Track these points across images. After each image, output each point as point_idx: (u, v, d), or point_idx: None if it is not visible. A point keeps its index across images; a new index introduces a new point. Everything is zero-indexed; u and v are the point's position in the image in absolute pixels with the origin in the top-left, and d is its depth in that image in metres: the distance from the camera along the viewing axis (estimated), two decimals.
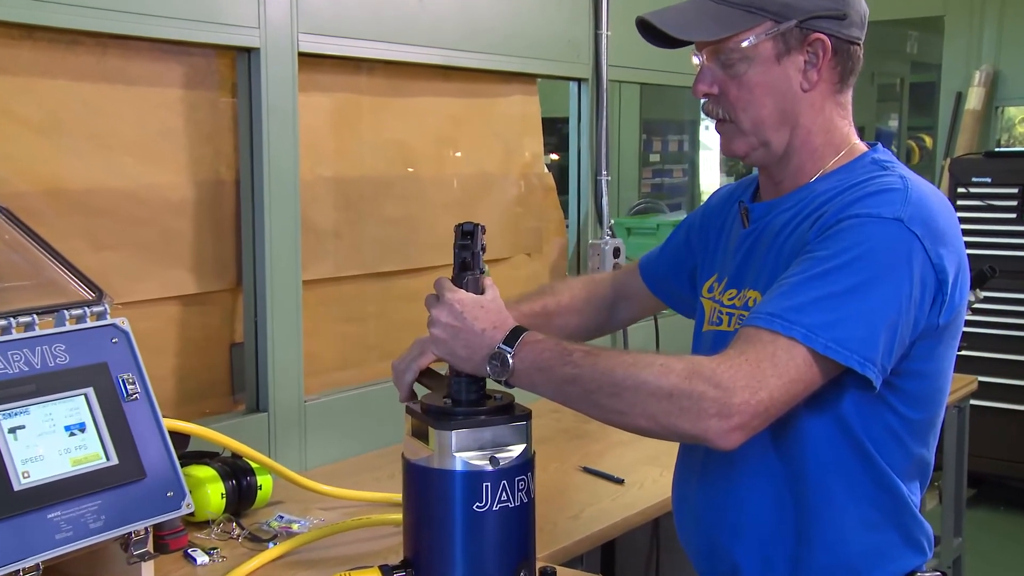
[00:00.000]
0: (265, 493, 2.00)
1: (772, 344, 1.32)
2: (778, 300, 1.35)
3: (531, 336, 1.45)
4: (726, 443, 1.30)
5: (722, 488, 1.54)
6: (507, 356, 1.43)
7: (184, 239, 2.23)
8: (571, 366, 1.38)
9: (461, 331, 1.48)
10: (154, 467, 1.60)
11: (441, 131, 2.84)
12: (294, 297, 2.33)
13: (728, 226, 1.68)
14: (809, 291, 1.34)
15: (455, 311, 1.49)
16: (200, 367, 2.31)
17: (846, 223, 1.38)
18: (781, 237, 1.50)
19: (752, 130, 1.52)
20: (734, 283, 1.58)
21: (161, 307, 2.22)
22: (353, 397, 2.52)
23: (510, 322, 1.48)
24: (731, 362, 1.31)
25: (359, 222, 2.61)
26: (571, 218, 3.25)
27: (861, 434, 1.44)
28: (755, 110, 1.50)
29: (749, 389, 1.29)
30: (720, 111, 1.53)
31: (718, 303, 1.61)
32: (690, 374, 1.30)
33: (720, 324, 1.59)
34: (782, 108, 1.50)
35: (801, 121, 1.51)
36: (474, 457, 1.49)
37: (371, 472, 2.32)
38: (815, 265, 1.36)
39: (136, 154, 2.14)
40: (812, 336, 1.32)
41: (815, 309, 1.33)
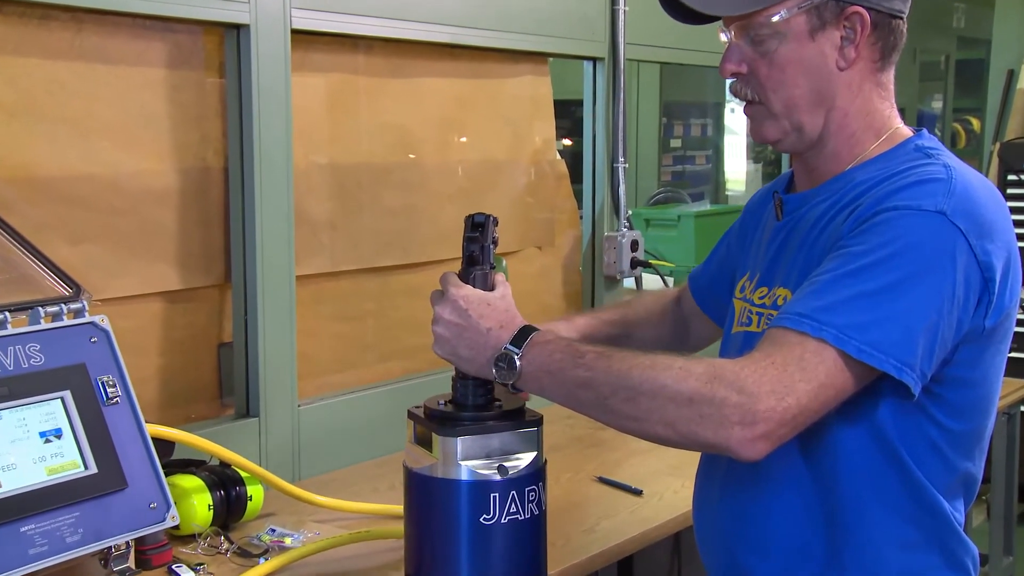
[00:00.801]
0: (256, 504, 2.00)
1: (800, 346, 1.31)
2: (808, 299, 1.35)
3: (540, 336, 1.45)
4: (750, 453, 1.30)
5: (745, 501, 1.54)
6: (514, 358, 1.43)
7: (168, 231, 2.23)
8: (583, 368, 1.38)
9: (465, 330, 1.48)
10: (136, 476, 1.60)
11: (445, 114, 2.84)
12: (287, 294, 2.33)
13: (764, 221, 1.68)
14: (841, 289, 1.33)
15: (459, 308, 1.49)
16: (186, 369, 2.31)
17: (883, 216, 1.37)
18: (815, 231, 1.50)
19: (784, 113, 1.51)
20: (765, 281, 1.58)
21: (143, 304, 2.22)
22: (350, 401, 2.52)
23: (518, 321, 1.48)
24: (756, 365, 1.30)
25: (357, 213, 2.61)
26: (585, 209, 3.24)
27: (899, 446, 1.43)
28: (787, 91, 1.50)
29: (775, 395, 1.28)
30: (749, 92, 1.53)
31: (748, 302, 1.61)
32: (711, 378, 1.30)
33: (749, 325, 1.58)
34: (816, 88, 1.50)
35: (837, 103, 1.51)
36: (481, 466, 1.49)
37: (370, 482, 2.32)
38: (848, 261, 1.35)
39: (115, 139, 2.14)
40: (844, 338, 1.31)
41: (847, 309, 1.32)
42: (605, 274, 3.21)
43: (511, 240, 3.04)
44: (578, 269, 3.28)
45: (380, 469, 2.40)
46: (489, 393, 1.55)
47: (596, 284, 3.23)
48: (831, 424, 1.42)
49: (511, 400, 1.56)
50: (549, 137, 3.18)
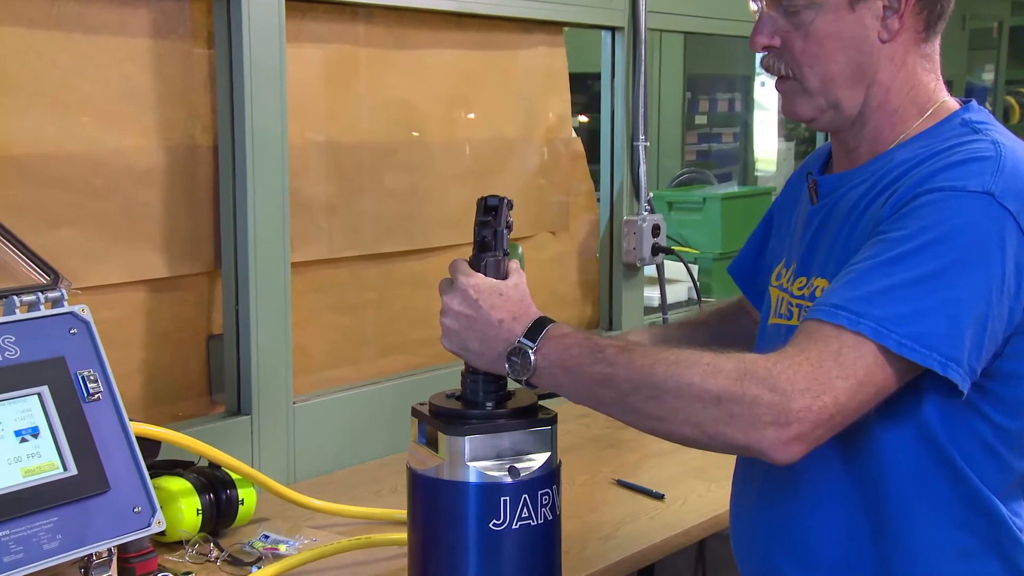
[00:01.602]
0: (248, 509, 2.00)
1: (837, 340, 1.31)
2: (844, 289, 1.34)
3: (557, 329, 1.45)
4: (784, 456, 1.30)
5: (784, 507, 1.53)
6: (528, 352, 1.43)
7: (153, 214, 2.24)
8: (603, 364, 1.38)
9: (475, 322, 1.48)
10: (119, 478, 1.60)
11: (452, 89, 2.83)
12: (281, 282, 2.33)
13: (799, 204, 1.68)
14: (881, 278, 1.33)
15: (469, 298, 1.48)
16: (172, 363, 2.31)
17: (926, 198, 1.37)
18: (852, 216, 1.49)
19: (820, 89, 1.51)
20: (802, 270, 1.57)
21: (127, 293, 2.22)
22: (350, 398, 2.52)
23: (533, 312, 1.48)
24: (789, 361, 1.30)
25: (356, 195, 2.61)
26: (603, 190, 3.24)
27: (948, 448, 1.42)
28: (824, 66, 1.49)
29: (810, 393, 1.28)
30: (782, 66, 1.52)
31: (787, 292, 1.60)
32: (742, 375, 1.30)
33: (790, 318, 1.58)
34: (856, 63, 1.49)
35: (879, 78, 1.50)
36: (491, 467, 1.49)
37: (371, 485, 2.32)
38: (888, 248, 1.35)
39: (96, 115, 2.14)
40: (883, 331, 1.30)
41: (887, 300, 1.31)
42: (624, 261, 3.21)
43: (523, 225, 3.03)
44: (595, 256, 3.28)
45: (382, 471, 2.40)
46: (501, 389, 1.55)
47: (614, 272, 3.22)
48: (873, 426, 1.41)
49: (527, 396, 1.56)
50: (564, 113, 3.18)
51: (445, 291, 1.52)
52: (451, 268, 1.53)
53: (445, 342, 1.51)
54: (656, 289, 3.34)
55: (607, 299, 3.25)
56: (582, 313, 3.27)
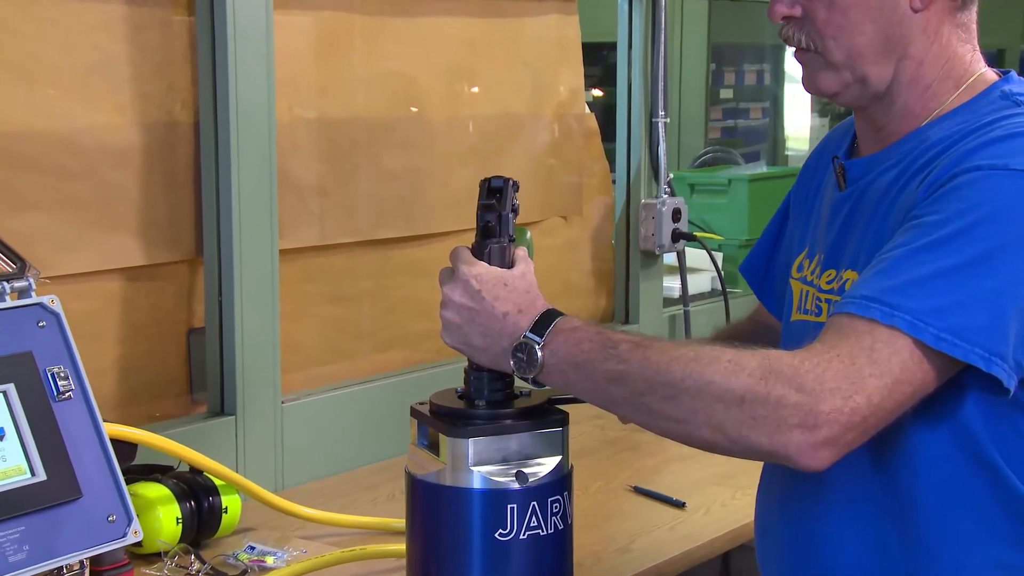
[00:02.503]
0: (232, 517, 2.01)
1: (869, 335, 1.31)
2: (876, 279, 1.34)
3: (566, 322, 1.45)
4: (812, 461, 1.29)
5: (809, 518, 1.53)
6: (534, 348, 1.43)
7: (129, 197, 2.24)
8: (615, 360, 1.38)
9: (478, 315, 1.48)
10: (92, 484, 1.60)
11: (454, 61, 2.83)
12: (268, 271, 2.34)
13: (823, 189, 1.67)
14: (916, 267, 1.33)
15: (471, 289, 1.49)
16: (150, 358, 2.32)
17: (963, 178, 1.36)
18: (885, 202, 1.49)
19: (845, 63, 1.50)
20: (831, 262, 1.57)
21: (100, 282, 2.22)
22: (344, 397, 2.53)
23: (540, 304, 1.48)
24: (818, 358, 1.30)
25: (351, 177, 2.61)
26: (619, 171, 3.23)
27: (991, 451, 1.41)
28: (850, 38, 1.49)
29: (841, 393, 1.28)
30: (803, 38, 1.52)
31: (812, 286, 1.60)
32: (766, 373, 1.30)
33: (818, 314, 1.57)
34: (885, 34, 1.48)
35: (910, 51, 1.49)
36: (497, 472, 1.50)
37: (366, 492, 2.32)
38: (923, 233, 1.35)
39: (66, 88, 2.14)
40: (920, 324, 1.30)
41: (923, 290, 1.31)
42: (642, 248, 3.21)
43: (532, 208, 3.03)
44: (610, 243, 3.28)
45: (378, 476, 2.41)
46: (508, 387, 1.55)
47: (631, 260, 3.22)
48: (907, 428, 1.41)
49: (536, 395, 1.56)
50: (577, 87, 3.17)
51: (445, 282, 1.51)
52: (452, 256, 1.53)
53: (445, 336, 1.51)
54: (677, 279, 3.34)
55: (623, 290, 3.25)
56: (595, 305, 3.27)
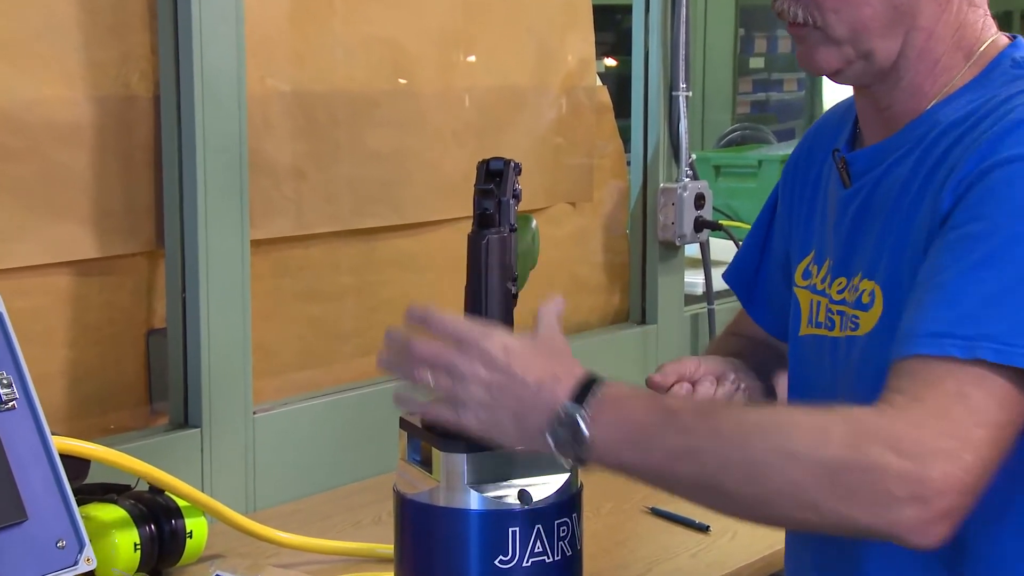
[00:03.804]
0: (197, 543, 2.01)
1: (953, 378, 1.29)
2: (937, 309, 1.33)
3: (612, 389, 1.40)
4: (926, 539, 1.27)
5: (841, 547, 1.54)
6: (578, 421, 1.38)
7: (80, 181, 2.24)
8: (680, 433, 1.35)
9: (507, 389, 1.41)
10: (39, 506, 1.60)
11: (448, 26, 2.83)
12: (238, 264, 2.34)
13: (823, 181, 1.68)
14: (979, 286, 1.32)
15: (496, 362, 1.42)
16: (104, 363, 2.32)
17: (996, 174, 1.36)
18: (903, 202, 1.49)
19: (849, 37, 1.51)
20: (842, 269, 1.58)
21: (47, 277, 2.22)
22: (323, 407, 2.53)
23: (578, 369, 1.43)
24: (909, 415, 1.28)
25: (331, 158, 2.62)
26: (634, 152, 3.23)
27: None
28: (853, 10, 1.49)
29: (947, 454, 1.26)
30: (800, 12, 1.52)
31: (823, 295, 1.61)
32: (858, 437, 1.27)
33: (832, 328, 1.58)
34: (893, 5, 1.49)
35: (920, 20, 1.50)
36: (497, 491, 1.50)
37: (348, 513, 2.33)
38: (973, 246, 1.34)
39: (8, 57, 2.14)
40: (1007, 349, 1.29)
41: (997, 310, 1.31)
42: (660, 239, 3.20)
43: (536, 194, 3.03)
44: (624, 233, 3.28)
45: (362, 496, 2.41)
46: None
47: (648, 252, 3.22)
48: None
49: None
50: (587, 56, 3.17)
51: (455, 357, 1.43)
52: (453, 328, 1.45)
53: (471, 421, 1.42)
54: (700, 273, 3.34)
55: (639, 286, 3.25)
56: (607, 303, 3.26)
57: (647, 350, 3.21)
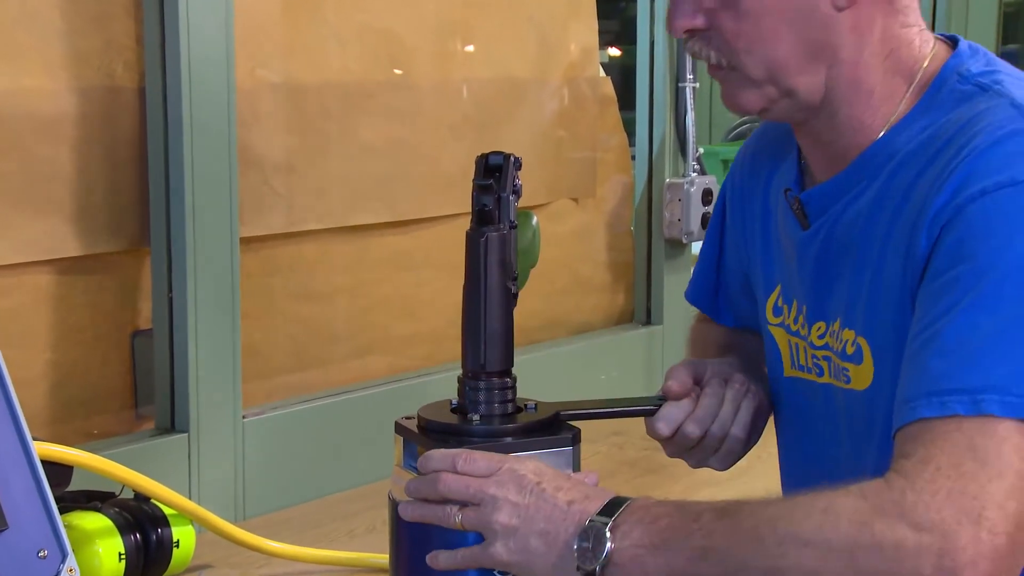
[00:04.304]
0: (184, 552, 2.01)
1: (960, 433, 1.28)
2: (934, 364, 1.32)
3: (639, 502, 1.43)
4: None
5: None
6: (603, 531, 1.40)
7: (61, 176, 2.23)
8: (700, 535, 1.36)
9: (539, 510, 1.44)
10: (19, 514, 1.60)
11: (446, 14, 2.84)
12: (227, 263, 2.34)
13: (773, 215, 1.67)
14: (974, 333, 1.31)
15: (527, 484, 1.45)
16: (88, 366, 2.31)
17: (971, 208, 1.35)
18: (871, 242, 1.48)
19: (767, 77, 1.50)
20: (817, 313, 1.58)
21: (27, 276, 2.22)
22: (315, 411, 2.53)
23: (611, 492, 1.47)
24: (919, 481, 1.27)
25: (323, 152, 2.62)
26: (639, 145, 3.23)
27: None
28: (767, 49, 1.48)
29: (967, 516, 1.24)
30: (713, 54, 1.51)
31: (801, 339, 1.61)
32: (867, 513, 1.27)
33: (821, 374, 1.59)
34: (808, 40, 1.48)
35: (841, 55, 1.49)
36: None
37: (342, 522, 2.32)
38: (962, 291, 1.33)
39: None
40: (1016, 401, 1.27)
41: (998, 357, 1.30)
42: (666, 236, 3.21)
43: (537, 189, 3.03)
44: (629, 229, 3.29)
45: (356, 504, 2.41)
46: (508, 399, 1.56)
47: (653, 250, 3.22)
48: None
49: (543, 409, 1.56)
50: (590, 45, 3.18)
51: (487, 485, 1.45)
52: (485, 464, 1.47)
53: (500, 551, 1.44)
54: None
55: (644, 284, 3.25)
56: (612, 303, 3.26)
57: (652, 351, 3.20)
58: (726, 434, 1.67)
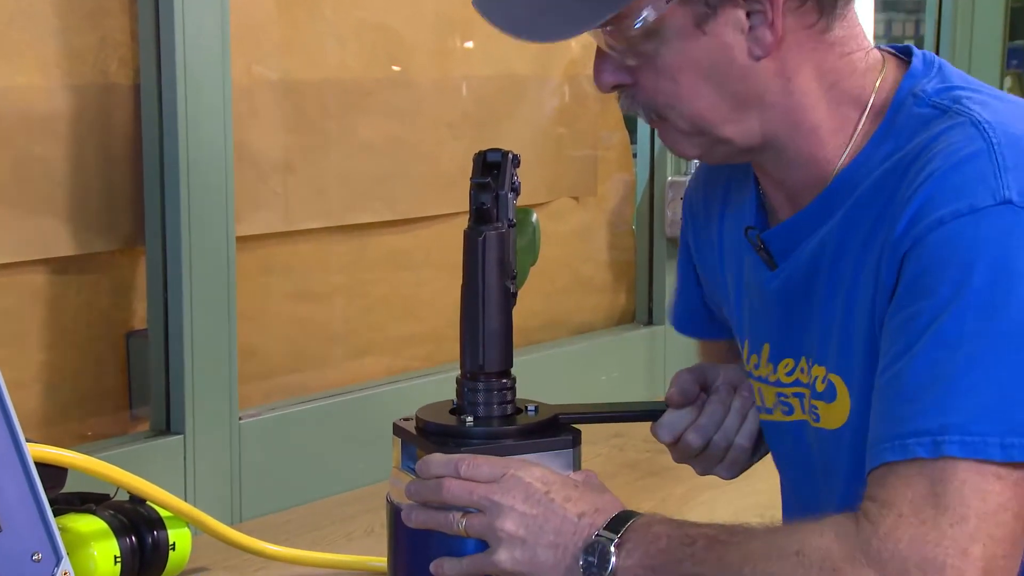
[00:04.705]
0: (180, 555, 2.00)
1: (921, 476, 1.28)
2: (895, 407, 1.32)
3: (643, 519, 1.44)
4: None
5: None
6: (608, 547, 1.41)
7: (54, 174, 2.23)
8: (691, 562, 1.38)
9: (547, 521, 1.45)
10: (12, 516, 1.60)
11: (445, 11, 2.84)
12: (223, 262, 2.34)
13: (734, 257, 1.66)
14: (933, 370, 1.30)
15: (535, 493, 1.46)
16: (82, 367, 2.31)
17: (929, 238, 1.33)
18: (840, 278, 1.47)
19: (695, 130, 1.49)
20: (784, 350, 1.57)
21: (20, 276, 2.22)
22: (312, 412, 2.53)
23: (619, 504, 1.48)
24: (881, 527, 1.28)
25: (320, 150, 2.62)
26: (641, 144, 3.24)
27: None
28: (687, 105, 1.47)
29: (929, 563, 1.25)
30: (641, 109, 1.51)
31: (767, 383, 1.61)
32: (840, 559, 1.28)
33: (790, 412, 1.59)
34: (730, 92, 1.46)
35: (768, 99, 1.46)
36: None
37: (340, 524, 2.32)
38: (922, 327, 1.32)
39: None
40: (974, 441, 1.27)
41: (957, 396, 1.28)
42: (668, 235, 3.20)
43: (536, 187, 3.03)
44: (630, 228, 3.29)
45: (354, 507, 2.41)
46: (507, 400, 1.56)
47: (655, 249, 3.22)
48: None
49: (543, 410, 1.57)
50: (591, 42, 3.16)
51: (493, 492, 1.46)
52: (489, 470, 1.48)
53: (505, 559, 1.45)
54: None
55: (646, 284, 3.25)
56: (613, 303, 3.26)
57: (654, 352, 3.20)
58: (730, 444, 1.67)
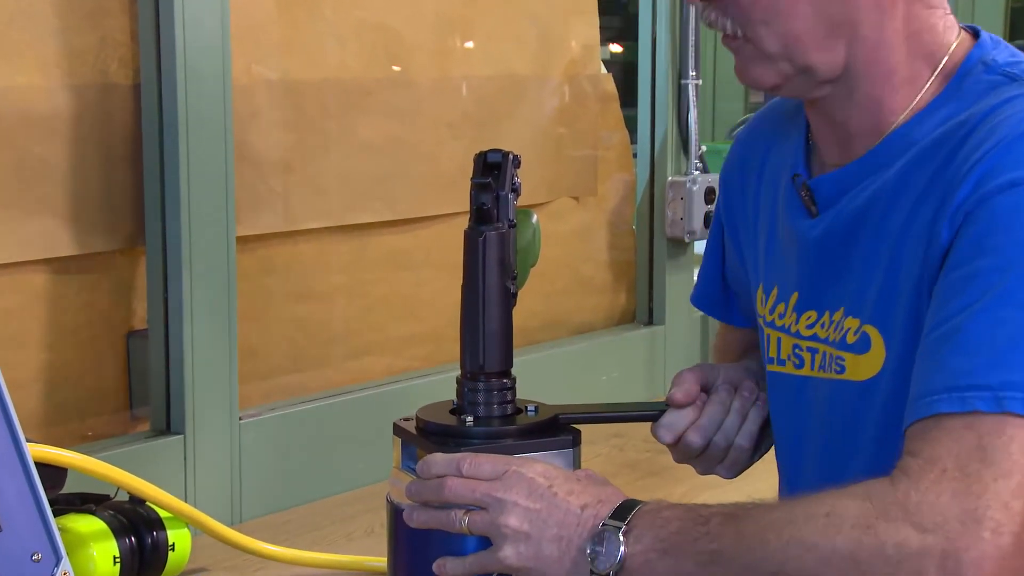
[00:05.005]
0: (180, 556, 2.01)
1: (971, 431, 1.27)
2: (953, 358, 1.31)
3: (650, 505, 1.43)
4: None
5: None
6: (615, 535, 1.40)
7: (55, 174, 2.24)
8: (707, 539, 1.36)
9: (550, 515, 1.44)
10: (12, 517, 1.60)
11: (445, 11, 2.84)
12: (223, 263, 2.34)
13: (778, 210, 1.65)
14: (998, 328, 1.30)
15: (537, 487, 1.45)
16: (82, 367, 2.32)
17: (997, 200, 1.34)
18: (888, 232, 1.47)
19: (783, 52, 1.48)
20: (810, 302, 1.57)
21: (21, 276, 2.22)
22: (312, 412, 2.53)
23: (623, 495, 1.47)
24: (922, 480, 1.26)
25: (320, 150, 2.62)
26: (641, 143, 3.23)
27: None
28: (784, 23, 1.46)
29: (971, 516, 1.23)
30: (729, 24, 1.49)
31: (787, 333, 1.60)
32: (870, 515, 1.27)
33: (800, 366, 1.58)
34: (827, 15, 1.46)
35: (861, 31, 1.47)
36: None
37: (340, 525, 2.33)
38: (985, 284, 1.32)
39: None
40: None
41: (1019, 354, 1.28)
42: (668, 235, 3.20)
43: (537, 188, 3.03)
44: (630, 228, 3.28)
45: (354, 507, 2.41)
46: (507, 400, 1.56)
47: (655, 249, 3.22)
48: None
49: (543, 410, 1.57)
50: (591, 42, 3.18)
51: (495, 489, 1.46)
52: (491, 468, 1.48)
53: (510, 555, 1.44)
54: None
55: (646, 284, 3.25)
56: (613, 303, 3.26)
57: (655, 352, 3.20)
58: (730, 444, 1.67)
